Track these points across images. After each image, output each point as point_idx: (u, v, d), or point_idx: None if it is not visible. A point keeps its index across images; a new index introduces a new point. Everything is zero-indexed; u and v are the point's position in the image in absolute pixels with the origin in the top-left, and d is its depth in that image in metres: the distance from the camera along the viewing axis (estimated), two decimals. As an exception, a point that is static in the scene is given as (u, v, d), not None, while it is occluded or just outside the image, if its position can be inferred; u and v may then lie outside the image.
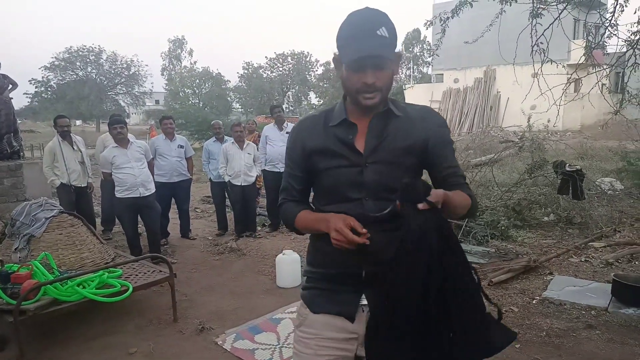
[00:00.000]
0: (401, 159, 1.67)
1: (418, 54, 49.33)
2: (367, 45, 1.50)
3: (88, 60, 42.45)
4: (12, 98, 8.82)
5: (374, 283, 1.60)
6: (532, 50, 5.45)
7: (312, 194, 1.89)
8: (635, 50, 5.35)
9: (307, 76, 49.44)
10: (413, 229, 1.42)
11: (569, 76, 5.86)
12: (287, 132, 7.29)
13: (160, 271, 4.56)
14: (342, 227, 1.52)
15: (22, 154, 8.94)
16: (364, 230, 1.52)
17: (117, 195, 5.81)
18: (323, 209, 1.74)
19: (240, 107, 50.64)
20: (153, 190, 6.01)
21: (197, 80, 49.34)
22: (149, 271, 4.61)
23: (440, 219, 1.46)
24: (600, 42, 5.66)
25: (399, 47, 1.67)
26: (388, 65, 1.58)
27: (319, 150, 1.72)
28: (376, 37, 1.50)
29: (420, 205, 1.42)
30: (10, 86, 8.92)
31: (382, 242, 1.52)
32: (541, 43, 5.39)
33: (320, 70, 47.85)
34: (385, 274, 1.50)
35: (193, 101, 47.08)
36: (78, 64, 42.15)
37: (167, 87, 52.32)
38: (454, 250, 1.49)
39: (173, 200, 7.19)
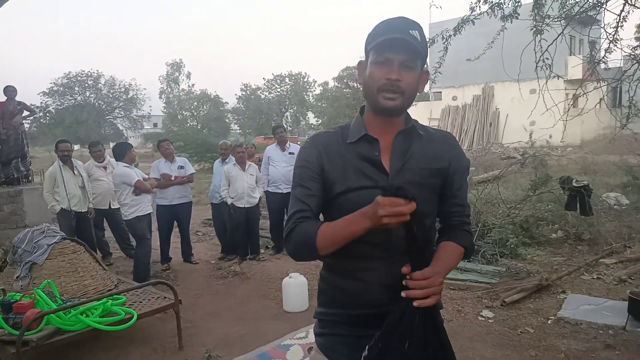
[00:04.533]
0: (428, 180, 1.55)
1: (414, 72, 49.67)
2: (399, 35, 1.42)
3: (86, 85, 42.74)
4: (22, 123, 8.83)
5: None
6: (537, 66, 5.43)
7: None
8: (640, 64, 5.35)
9: (305, 96, 49.74)
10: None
11: (575, 91, 5.84)
12: (289, 153, 7.23)
13: (165, 297, 4.45)
14: (386, 200, 1.29)
15: (30, 178, 8.90)
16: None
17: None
18: None
19: (238, 128, 50.85)
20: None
21: (195, 103, 49.64)
22: (153, 297, 4.50)
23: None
24: (603, 58, 5.65)
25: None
26: (415, 69, 1.47)
27: (338, 169, 1.52)
28: (409, 34, 1.43)
29: (416, 303, 1.34)
30: (27, 112, 9.01)
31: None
32: (546, 58, 5.38)
33: (317, 91, 48.17)
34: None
35: (191, 123, 47.31)
36: (76, 89, 42.43)
37: (165, 110, 52.53)
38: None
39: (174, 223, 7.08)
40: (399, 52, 1.43)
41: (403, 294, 1.36)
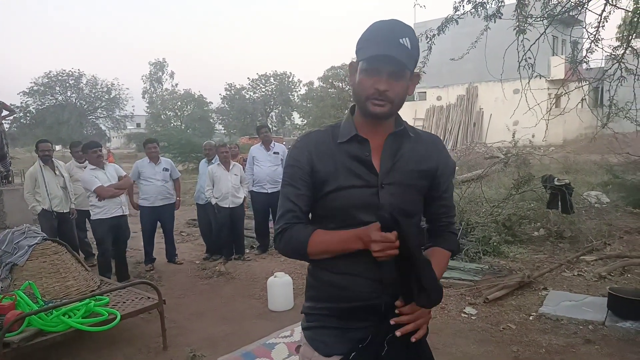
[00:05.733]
0: (415, 181, 1.58)
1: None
2: (388, 48, 1.42)
3: (68, 84, 42.19)
4: (1, 123, 8.69)
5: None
6: (519, 66, 5.49)
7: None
8: (621, 64, 5.44)
9: (290, 96, 49.65)
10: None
11: (557, 91, 5.93)
12: (274, 152, 7.22)
13: (149, 297, 4.42)
14: (379, 235, 1.38)
15: (10, 178, 8.77)
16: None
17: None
18: None
19: (223, 128, 50.57)
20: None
21: (179, 103, 49.25)
22: (136, 298, 4.47)
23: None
24: (585, 57, 5.74)
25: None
26: (404, 78, 1.49)
27: (329, 168, 1.55)
28: (398, 44, 1.43)
29: (413, 339, 1.47)
30: (6, 112, 8.85)
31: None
32: (529, 58, 5.45)
33: (303, 91, 48.11)
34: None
35: (175, 123, 46.92)
36: (57, 88, 41.85)
37: (148, 110, 52.07)
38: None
39: (158, 224, 7.04)
40: (387, 64, 1.44)
41: (393, 325, 1.47)
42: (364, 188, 1.52)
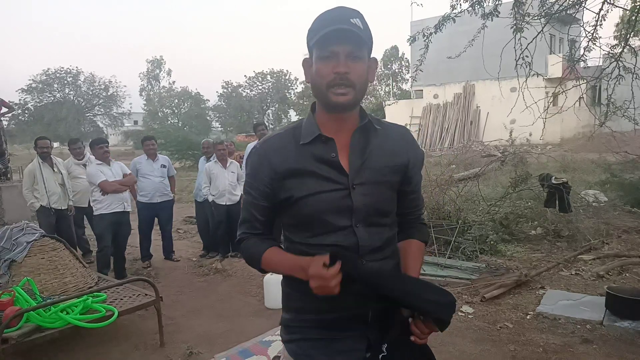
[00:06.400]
0: (388, 177, 1.51)
1: (397, 70, 49.74)
2: (340, 25, 1.35)
3: (66, 81, 42.17)
4: (0, 120, 8.68)
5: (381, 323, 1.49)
6: (517, 64, 5.50)
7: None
8: (618, 62, 5.44)
9: (287, 94, 49.68)
10: None
11: (555, 89, 5.94)
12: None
13: (146, 294, 4.41)
14: (315, 270, 1.32)
15: (9, 175, 8.76)
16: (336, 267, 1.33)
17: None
18: (307, 243, 1.49)
19: (219, 126, 50.58)
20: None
21: (176, 100, 49.27)
22: (133, 295, 4.47)
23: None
24: (582, 56, 5.75)
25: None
26: (362, 59, 1.41)
27: (294, 173, 1.45)
28: (350, 23, 1.36)
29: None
30: (5, 109, 8.83)
31: (377, 272, 1.44)
32: (526, 56, 5.45)
33: (299, 88, 48.09)
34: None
35: (172, 121, 46.94)
36: (56, 85, 41.84)
37: (145, 108, 52.03)
38: None
39: (155, 221, 7.03)
40: (343, 43, 1.37)
41: (412, 338, 1.46)
42: (334, 191, 1.44)
